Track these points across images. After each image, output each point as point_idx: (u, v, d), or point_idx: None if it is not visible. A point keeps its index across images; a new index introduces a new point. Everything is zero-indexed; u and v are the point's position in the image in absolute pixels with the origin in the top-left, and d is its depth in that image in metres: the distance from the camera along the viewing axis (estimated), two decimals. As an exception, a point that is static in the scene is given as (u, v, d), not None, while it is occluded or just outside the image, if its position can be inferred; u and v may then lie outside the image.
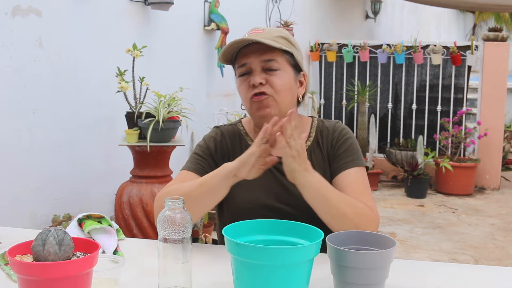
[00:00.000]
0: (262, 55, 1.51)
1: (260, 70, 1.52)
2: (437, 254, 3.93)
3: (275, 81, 1.52)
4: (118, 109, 3.38)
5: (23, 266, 1.02)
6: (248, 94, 1.53)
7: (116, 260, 1.27)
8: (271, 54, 1.52)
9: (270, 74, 1.52)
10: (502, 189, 6.02)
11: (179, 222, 1.14)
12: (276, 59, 1.52)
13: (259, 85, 1.51)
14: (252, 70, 1.53)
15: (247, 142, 1.63)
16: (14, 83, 2.87)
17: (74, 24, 3.23)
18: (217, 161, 1.60)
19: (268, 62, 1.52)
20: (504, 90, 5.93)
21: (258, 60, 1.52)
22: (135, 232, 3.10)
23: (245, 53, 1.53)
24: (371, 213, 1.44)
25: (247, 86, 1.53)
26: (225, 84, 4.86)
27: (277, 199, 1.53)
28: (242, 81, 1.56)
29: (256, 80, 1.50)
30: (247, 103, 1.55)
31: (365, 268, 1.12)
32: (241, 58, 1.54)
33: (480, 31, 14.02)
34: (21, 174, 2.94)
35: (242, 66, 1.54)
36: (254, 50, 1.51)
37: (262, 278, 1.08)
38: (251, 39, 1.50)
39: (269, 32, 1.54)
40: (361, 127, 6.05)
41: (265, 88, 1.51)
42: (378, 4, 8.57)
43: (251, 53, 1.52)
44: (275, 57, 1.52)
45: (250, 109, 1.56)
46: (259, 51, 1.51)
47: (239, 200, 1.55)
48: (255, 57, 1.52)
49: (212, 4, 4.55)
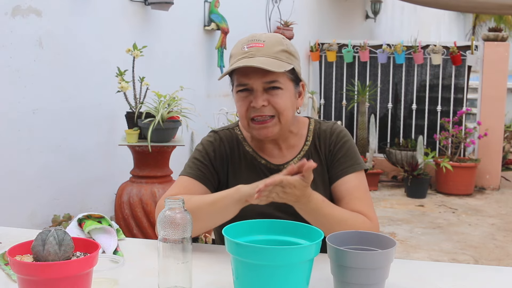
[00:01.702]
0: (264, 76, 1.45)
1: (262, 90, 1.47)
2: (437, 254, 3.93)
3: (278, 101, 1.47)
4: (118, 109, 3.38)
5: (23, 266, 1.02)
6: (247, 113, 1.49)
7: (116, 260, 1.27)
8: (274, 75, 1.46)
9: (272, 94, 1.47)
10: (502, 189, 6.02)
11: (179, 222, 1.14)
12: (278, 80, 1.47)
13: (261, 107, 1.46)
14: (253, 90, 1.47)
15: (244, 148, 1.60)
16: (14, 83, 2.87)
17: (74, 24, 3.23)
18: (216, 166, 1.58)
19: (271, 83, 1.46)
20: (504, 90, 5.92)
21: (260, 81, 1.46)
22: (135, 232, 3.10)
23: (246, 72, 1.46)
24: (370, 225, 1.44)
25: (247, 105, 1.48)
26: (225, 84, 4.81)
27: (276, 208, 1.51)
28: (240, 98, 1.50)
29: (259, 103, 1.46)
30: (245, 121, 1.51)
31: (365, 268, 1.12)
32: (241, 77, 1.48)
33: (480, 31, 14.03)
34: (21, 174, 2.94)
35: (243, 85, 1.49)
36: (256, 70, 1.43)
37: (262, 278, 1.08)
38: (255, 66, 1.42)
39: (270, 46, 1.47)
40: (361, 127, 6.05)
41: (267, 110, 1.47)
42: (378, 4, 8.56)
43: (253, 73, 1.45)
44: (277, 77, 1.46)
45: (248, 129, 1.52)
46: (261, 72, 1.44)
47: None
48: (257, 78, 1.46)
49: (212, 4, 4.55)
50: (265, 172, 1.56)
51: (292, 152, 1.59)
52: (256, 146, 1.60)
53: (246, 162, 1.58)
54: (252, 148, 1.59)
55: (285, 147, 1.59)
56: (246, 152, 1.58)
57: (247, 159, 1.58)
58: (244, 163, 1.58)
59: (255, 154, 1.58)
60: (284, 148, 1.58)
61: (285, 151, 1.58)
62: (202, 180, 1.54)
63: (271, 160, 1.57)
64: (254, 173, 1.56)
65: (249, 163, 1.57)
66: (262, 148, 1.59)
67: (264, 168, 1.56)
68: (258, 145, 1.60)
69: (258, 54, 1.45)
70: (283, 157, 1.58)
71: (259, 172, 1.56)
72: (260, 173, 1.56)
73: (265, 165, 1.57)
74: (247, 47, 1.47)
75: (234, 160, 1.59)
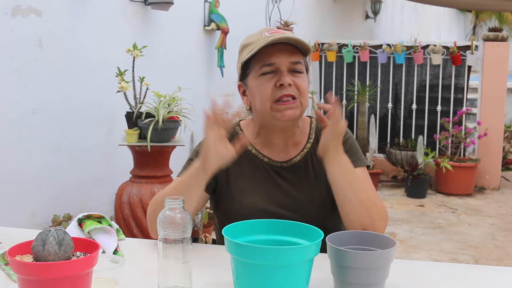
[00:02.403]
0: (291, 56, 1.47)
1: (287, 71, 1.48)
2: (437, 254, 3.93)
3: (301, 83, 1.48)
4: (118, 109, 3.38)
5: (23, 266, 1.02)
6: (272, 95, 1.47)
7: (116, 260, 1.27)
8: (298, 56, 1.49)
9: (296, 76, 1.48)
10: (502, 189, 6.02)
11: (179, 222, 1.14)
12: (301, 62, 1.50)
13: (288, 86, 1.47)
14: (279, 70, 1.48)
15: (246, 147, 1.61)
16: (14, 83, 2.87)
17: (74, 24, 3.23)
18: None
19: (296, 64, 1.48)
20: (504, 90, 5.92)
21: (287, 60, 1.47)
22: (135, 232, 3.10)
23: (273, 52, 1.47)
24: (385, 210, 1.48)
25: (272, 86, 1.47)
26: (225, 84, 4.86)
27: (279, 205, 1.52)
28: (265, 81, 1.48)
29: (287, 80, 1.46)
30: (268, 104, 1.48)
31: (365, 268, 1.12)
32: (267, 56, 1.48)
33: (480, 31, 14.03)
34: (21, 174, 2.94)
35: (268, 66, 1.48)
36: (282, 50, 1.46)
37: (262, 278, 1.08)
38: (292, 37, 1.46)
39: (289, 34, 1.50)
40: (361, 127, 6.05)
41: (292, 90, 1.47)
42: (378, 4, 8.56)
43: (279, 52, 1.46)
44: (301, 59, 1.50)
45: (271, 112, 1.49)
46: (288, 51, 1.47)
47: (240, 207, 1.53)
48: (285, 58, 1.47)
49: (212, 4, 4.55)
50: (268, 170, 1.56)
51: (295, 149, 1.59)
52: (261, 143, 1.59)
53: (248, 160, 1.58)
54: (253, 147, 1.59)
55: (291, 143, 1.58)
56: (247, 151, 1.58)
57: (249, 157, 1.58)
58: (246, 162, 1.57)
59: (257, 153, 1.58)
60: (290, 144, 1.58)
61: (290, 148, 1.59)
62: None
63: (274, 158, 1.58)
64: (257, 171, 1.56)
65: (251, 162, 1.57)
66: (267, 144, 1.58)
67: (267, 166, 1.57)
68: (263, 142, 1.58)
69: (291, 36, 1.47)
70: (287, 153, 1.58)
71: (262, 170, 1.56)
72: (263, 171, 1.56)
73: (268, 163, 1.57)
74: (269, 33, 1.49)
75: (234, 159, 1.58)
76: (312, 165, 1.57)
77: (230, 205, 1.54)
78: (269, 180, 1.55)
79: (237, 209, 1.53)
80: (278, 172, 1.55)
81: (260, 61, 1.49)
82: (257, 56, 1.48)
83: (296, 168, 1.56)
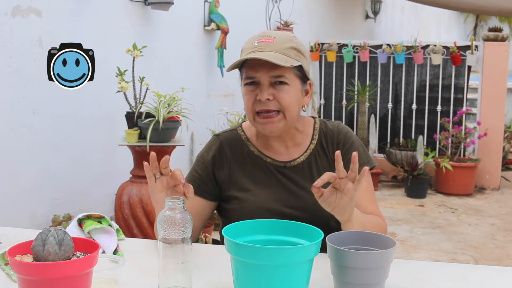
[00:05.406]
0: (271, 70, 1.47)
1: (268, 84, 1.48)
2: (437, 254, 3.93)
3: (283, 96, 1.48)
4: (118, 109, 3.38)
5: (23, 266, 1.02)
6: (253, 107, 1.50)
7: (116, 260, 1.27)
8: (281, 70, 1.47)
9: (278, 89, 1.49)
10: (502, 189, 6.01)
11: (179, 222, 1.14)
12: (285, 75, 1.48)
13: (266, 101, 1.48)
14: (260, 83, 1.49)
15: (249, 148, 1.61)
16: (14, 83, 2.87)
17: (74, 24, 3.23)
18: (214, 172, 1.59)
19: (277, 77, 1.48)
20: (504, 90, 5.92)
21: (266, 75, 1.48)
22: (135, 232, 3.10)
23: (253, 65, 1.48)
24: (385, 225, 1.53)
25: (253, 99, 1.50)
26: (225, 84, 4.86)
27: (284, 204, 1.53)
28: (247, 91, 1.52)
29: (264, 96, 1.47)
30: (250, 115, 1.52)
31: (365, 268, 1.12)
32: (249, 70, 1.50)
33: (480, 31, 14.03)
34: (21, 174, 2.94)
35: (250, 78, 1.50)
36: (263, 63, 1.46)
37: (262, 278, 1.08)
38: (262, 59, 1.44)
39: (279, 42, 1.49)
40: (361, 127, 6.05)
41: (272, 104, 1.48)
42: (378, 4, 8.56)
43: (260, 66, 1.47)
44: (284, 72, 1.48)
45: (254, 123, 1.53)
46: (268, 65, 1.46)
47: (246, 207, 1.54)
48: (264, 72, 1.47)
49: (212, 4, 4.55)
50: (272, 170, 1.57)
51: (298, 150, 1.59)
52: (261, 145, 1.60)
53: (252, 161, 1.59)
54: (256, 148, 1.60)
55: (291, 145, 1.59)
56: (250, 153, 1.59)
57: (252, 159, 1.59)
58: (249, 163, 1.58)
59: (260, 154, 1.59)
60: (290, 146, 1.59)
61: (291, 149, 1.59)
62: (196, 191, 1.53)
63: (277, 158, 1.58)
64: (261, 171, 1.57)
65: (254, 163, 1.58)
66: (268, 146, 1.60)
67: (271, 166, 1.57)
68: (263, 144, 1.60)
69: (267, 49, 1.47)
70: (289, 154, 1.59)
71: (266, 170, 1.57)
72: (267, 171, 1.57)
73: (271, 163, 1.57)
74: (257, 42, 1.50)
75: (237, 161, 1.59)
76: (316, 165, 1.57)
77: (236, 206, 1.55)
78: (273, 179, 1.56)
79: (243, 209, 1.54)
80: (282, 172, 1.56)
81: (245, 72, 1.52)
82: (244, 65, 1.52)
83: (299, 169, 1.57)
